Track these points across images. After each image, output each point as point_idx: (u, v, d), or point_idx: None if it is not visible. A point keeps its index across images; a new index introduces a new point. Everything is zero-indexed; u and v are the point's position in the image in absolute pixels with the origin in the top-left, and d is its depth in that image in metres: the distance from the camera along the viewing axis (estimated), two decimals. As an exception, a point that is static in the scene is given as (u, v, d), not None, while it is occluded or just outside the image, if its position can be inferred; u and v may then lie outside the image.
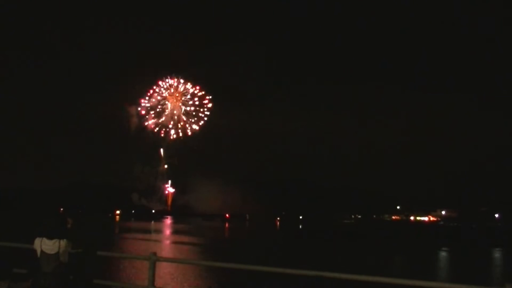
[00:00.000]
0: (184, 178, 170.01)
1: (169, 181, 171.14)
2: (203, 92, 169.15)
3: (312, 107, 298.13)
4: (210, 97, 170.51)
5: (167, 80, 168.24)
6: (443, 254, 53.46)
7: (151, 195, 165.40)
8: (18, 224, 61.21)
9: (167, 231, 79.87)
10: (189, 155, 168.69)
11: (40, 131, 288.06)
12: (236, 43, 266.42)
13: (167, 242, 55.26)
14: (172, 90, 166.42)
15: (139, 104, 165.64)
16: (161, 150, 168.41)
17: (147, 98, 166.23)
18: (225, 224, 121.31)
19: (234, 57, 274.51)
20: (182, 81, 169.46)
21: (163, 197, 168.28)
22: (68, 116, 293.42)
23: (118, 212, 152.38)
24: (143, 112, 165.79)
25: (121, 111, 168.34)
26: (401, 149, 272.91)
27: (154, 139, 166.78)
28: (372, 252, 49.48)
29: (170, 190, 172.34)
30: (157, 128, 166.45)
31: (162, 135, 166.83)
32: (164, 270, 23.25)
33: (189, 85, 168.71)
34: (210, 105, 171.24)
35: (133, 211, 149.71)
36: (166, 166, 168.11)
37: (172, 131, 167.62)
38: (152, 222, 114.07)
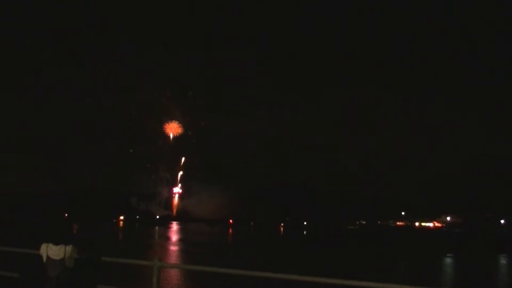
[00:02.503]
0: (187, 183, 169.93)
1: (176, 187, 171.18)
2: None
3: (317, 112, 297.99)
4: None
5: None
6: (448, 260, 53.22)
7: (150, 199, 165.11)
8: (24, 229, 61.33)
9: (173, 238, 79.93)
10: (191, 160, 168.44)
11: (40, 134, 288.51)
12: (238, 49, 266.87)
13: (173, 248, 55.29)
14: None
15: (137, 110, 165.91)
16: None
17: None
18: (229, 229, 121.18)
19: (236, 63, 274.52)
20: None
21: (162, 202, 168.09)
22: (69, 119, 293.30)
23: (122, 218, 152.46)
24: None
25: (121, 116, 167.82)
26: (405, 155, 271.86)
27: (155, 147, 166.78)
28: (376, 258, 49.34)
29: (176, 195, 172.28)
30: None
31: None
32: (170, 276, 23.30)
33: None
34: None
35: (137, 217, 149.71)
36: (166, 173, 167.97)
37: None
38: (156, 228, 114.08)
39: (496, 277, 38.36)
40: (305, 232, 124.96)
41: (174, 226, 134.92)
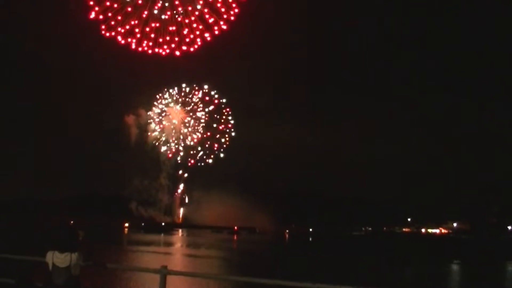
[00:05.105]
0: (189, 190, 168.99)
1: (178, 194, 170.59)
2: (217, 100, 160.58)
3: (322, 118, 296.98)
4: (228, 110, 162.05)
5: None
6: (454, 267, 52.89)
7: (151, 205, 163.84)
8: (29, 236, 61.35)
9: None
10: (195, 166, 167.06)
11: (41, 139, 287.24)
12: (243, 52, 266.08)
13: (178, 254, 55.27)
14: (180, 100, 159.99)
15: (139, 115, 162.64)
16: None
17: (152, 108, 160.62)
18: (233, 236, 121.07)
19: (235, 68, 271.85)
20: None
21: (162, 208, 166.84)
22: (69, 122, 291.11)
23: (126, 224, 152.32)
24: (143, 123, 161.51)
25: (121, 121, 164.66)
26: (411, 161, 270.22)
27: (154, 153, 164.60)
28: (382, 265, 49.08)
29: (178, 201, 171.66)
30: (157, 143, 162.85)
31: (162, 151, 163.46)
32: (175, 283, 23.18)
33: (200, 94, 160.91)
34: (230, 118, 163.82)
35: (142, 224, 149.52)
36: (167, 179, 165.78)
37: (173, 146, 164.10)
38: (162, 235, 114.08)
39: (503, 284, 38.08)
40: (310, 239, 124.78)
41: (180, 233, 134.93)
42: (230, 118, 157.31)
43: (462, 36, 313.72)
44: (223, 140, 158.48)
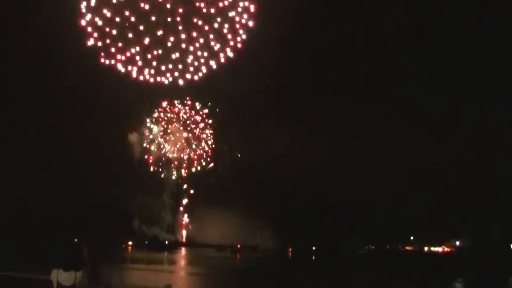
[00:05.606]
0: (192, 208, 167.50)
1: (181, 212, 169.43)
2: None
3: (325, 129, 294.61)
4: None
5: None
6: (457, 286, 52.64)
7: (153, 223, 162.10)
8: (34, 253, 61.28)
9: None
10: (196, 185, 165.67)
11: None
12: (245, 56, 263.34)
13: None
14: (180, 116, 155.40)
15: (141, 133, 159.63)
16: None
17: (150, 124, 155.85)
18: (236, 254, 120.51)
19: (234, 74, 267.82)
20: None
21: (164, 227, 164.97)
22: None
23: (130, 243, 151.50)
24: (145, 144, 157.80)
25: (123, 138, 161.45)
26: (410, 161, 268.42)
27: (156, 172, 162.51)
28: (384, 284, 48.94)
29: (182, 220, 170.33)
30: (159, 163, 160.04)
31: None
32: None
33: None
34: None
35: (146, 242, 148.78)
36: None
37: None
38: (166, 253, 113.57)
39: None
40: (314, 257, 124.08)
41: (183, 251, 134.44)
42: (235, 136, 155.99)
43: (462, 36, 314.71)
44: (227, 160, 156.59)
